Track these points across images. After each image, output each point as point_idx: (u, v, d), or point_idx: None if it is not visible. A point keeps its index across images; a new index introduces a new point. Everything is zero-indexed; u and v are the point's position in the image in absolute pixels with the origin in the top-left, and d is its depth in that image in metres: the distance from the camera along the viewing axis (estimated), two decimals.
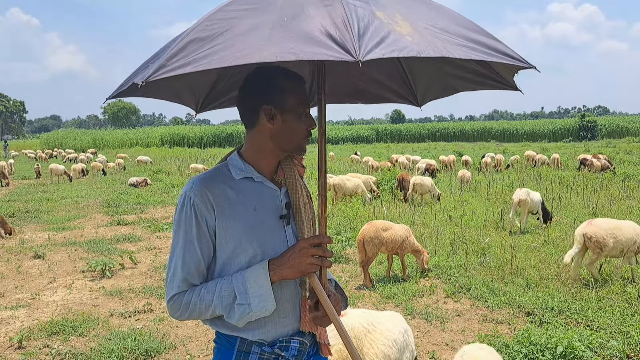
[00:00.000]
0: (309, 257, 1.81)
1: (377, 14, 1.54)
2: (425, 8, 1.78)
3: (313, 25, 1.48)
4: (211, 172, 1.90)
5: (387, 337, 3.25)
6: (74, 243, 10.06)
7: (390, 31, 1.48)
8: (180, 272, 1.80)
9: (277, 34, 1.46)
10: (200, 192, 1.80)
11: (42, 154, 42.84)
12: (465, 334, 5.54)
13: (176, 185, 19.80)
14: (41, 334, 5.56)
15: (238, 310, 1.76)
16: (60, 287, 7.26)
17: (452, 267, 7.65)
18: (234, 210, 1.82)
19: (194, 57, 1.41)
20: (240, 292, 1.76)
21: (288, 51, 1.39)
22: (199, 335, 5.52)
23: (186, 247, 1.80)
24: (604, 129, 64.79)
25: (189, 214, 1.79)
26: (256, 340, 1.87)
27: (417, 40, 1.49)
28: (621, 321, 5.56)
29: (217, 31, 1.49)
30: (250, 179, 1.89)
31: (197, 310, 1.79)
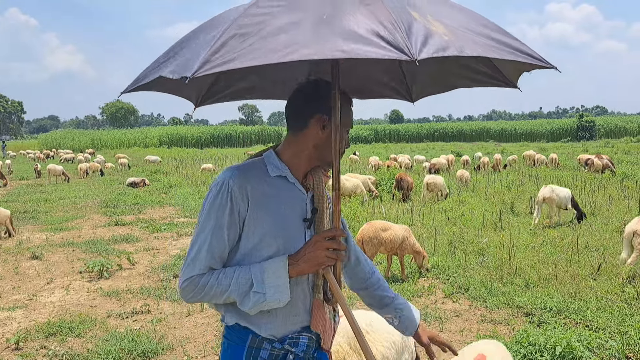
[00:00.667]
0: (324, 251, 1.86)
1: (413, 14, 1.56)
2: (448, 8, 1.80)
3: (358, 24, 1.47)
4: (249, 164, 1.95)
5: (385, 339, 3.23)
6: (72, 244, 10.03)
7: (429, 30, 1.49)
8: (205, 255, 1.82)
9: (322, 31, 1.46)
10: (239, 181, 1.84)
11: (40, 154, 42.82)
12: (464, 334, 5.52)
13: (174, 186, 19.78)
14: (38, 335, 5.53)
15: (253, 297, 1.80)
16: (57, 288, 7.23)
17: (451, 267, 7.64)
18: (267, 204, 1.87)
19: (238, 52, 1.41)
20: (258, 280, 1.81)
21: (339, 49, 1.39)
22: (197, 337, 5.50)
23: (215, 231, 1.82)
24: (602, 129, 64.87)
25: (225, 200, 1.82)
26: (267, 336, 1.92)
27: (453, 40, 1.51)
28: (620, 321, 5.55)
29: (256, 27, 1.50)
30: (285, 179, 1.95)
31: (212, 293, 1.82)
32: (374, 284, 2.28)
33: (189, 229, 11.30)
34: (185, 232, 11.04)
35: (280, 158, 1.97)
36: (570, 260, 7.84)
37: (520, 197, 14.42)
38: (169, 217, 13.08)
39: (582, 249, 8.53)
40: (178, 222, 12.33)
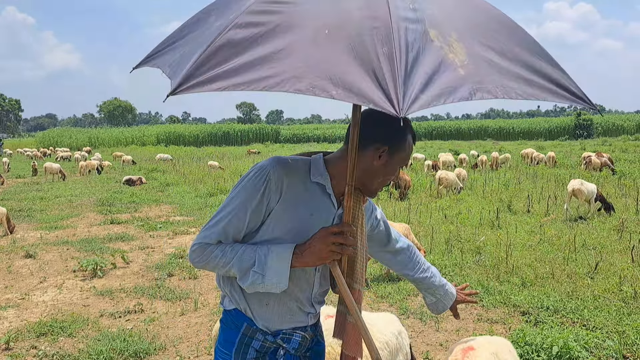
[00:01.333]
0: (330, 245, 1.82)
1: (429, 34, 1.41)
2: (483, 18, 1.64)
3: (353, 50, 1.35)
4: (294, 161, 1.91)
5: (378, 339, 3.17)
6: (66, 242, 9.96)
7: (441, 61, 1.35)
8: (220, 229, 1.83)
9: (315, 56, 1.34)
10: (279, 172, 1.81)
11: (37, 152, 42.71)
12: (460, 333, 5.47)
13: (171, 184, 19.70)
14: (29, 335, 5.46)
15: (252, 276, 1.80)
16: (50, 287, 7.16)
17: (447, 266, 7.58)
18: (296, 205, 1.85)
19: (224, 68, 1.32)
20: (260, 261, 1.79)
21: (323, 88, 1.28)
22: (190, 336, 5.44)
23: (239, 211, 1.81)
24: (599, 127, 64.84)
25: (259, 185, 1.80)
26: (261, 327, 1.94)
27: (469, 75, 1.36)
28: (617, 321, 5.50)
29: (251, 35, 1.39)
30: (323, 187, 1.90)
31: (215, 262, 1.82)
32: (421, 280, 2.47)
33: (185, 228, 11.23)
34: (181, 230, 10.97)
35: (326, 166, 1.92)
36: (567, 259, 7.79)
37: (517, 195, 14.36)
38: (165, 216, 13.01)
39: (579, 248, 8.48)
40: (174, 220, 12.26)
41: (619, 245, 8.70)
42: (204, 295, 6.70)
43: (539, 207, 12.60)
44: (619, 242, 8.88)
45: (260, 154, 39.10)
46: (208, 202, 14.67)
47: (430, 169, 21.57)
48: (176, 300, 6.54)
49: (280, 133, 72.12)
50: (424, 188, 16.27)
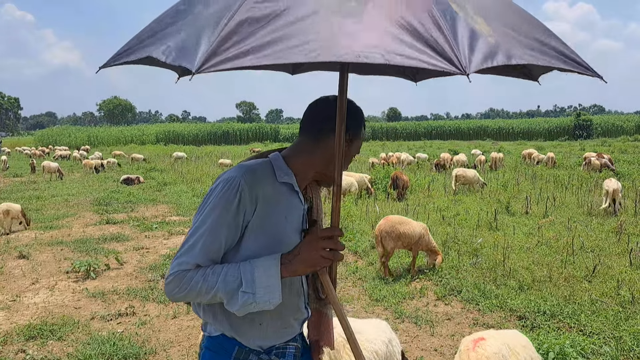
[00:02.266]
0: (320, 251, 1.72)
1: (452, 6, 1.36)
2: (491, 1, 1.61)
3: (392, 18, 1.28)
4: (259, 165, 1.81)
5: (366, 348, 3.10)
6: (61, 242, 9.88)
7: (473, 30, 1.32)
8: (197, 252, 1.69)
9: (350, 25, 1.26)
10: (252, 183, 1.72)
11: (36, 150, 42.65)
12: (455, 338, 5.39)
13: (169, 183, 19.61)
14: (18, 338, 5.38)
15: (241, 298, 1.65)
16: (42, 289, 7.08)
17: (444, 269, 7.51)
18: (272, 211, 1.77)
19: (251, 44, 1.22)
20: (247, 279, 1.66)
21: (373, 51, 1.20)
22: (181, 340, 5.36)
23: (214, 229, 1.69)
24: (599, 127, 64.80)
25: (232, 199, 1.69)
26: (254, 347, 1.84)
27: (499, 42, 1.34)
28: (614, 326, 5.43)
29: (272, 10, 1.29)
30: (290, 186, 1.83)
31: (197, 290, 1.67)
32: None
33: (181, 228, 11.15)
34: (177, 230, 10.89)
35: (287, 164, 1.85)
36: (565, 262, 7.71)
37: (516, 196, 14.28)
38: (161, 216, 12.93)
39: (578, 250, 8.40)
40: (170, 220, 12.18)
41: (618, 247, 8.63)
42: None
43: (538, 208, 12.52)
44: (617, 245, 8.80)
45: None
46: None
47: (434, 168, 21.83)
48: (168, 302, 6.46)
49: (280, 132, 71.99)
50: (422, 188, 16.18)
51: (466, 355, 3.10)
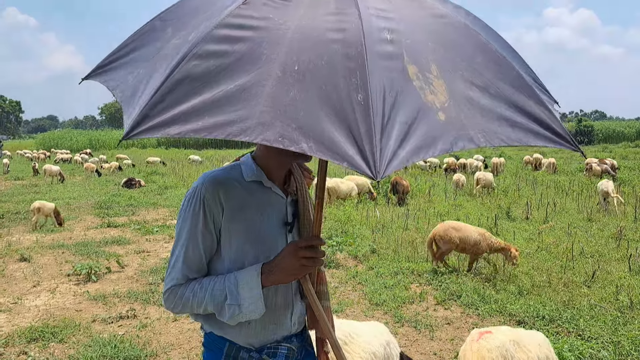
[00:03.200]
0: (300, 259, 1.73)
1: (408, 72, 1.28)
2: (468, 47, 1.51)
3: (326, 94, 1.22)
4: (225, 169, 1.88)
5: (364, 350, 3.14)
6: (62, 245, 9.91)
7: (420, 108, 1.23)
8: (181, 266, 1.79)
9: (281, 101, 1.21)
10: (212, 188, 1.77)
11: (38, 153, 42.75)
12: (455, 342, 5.42)
13: (170, 187, 19.66)
14: (20, 340, 5.41)
15: (228, 310, 1.74)
16: (43, 291, 7.11)
17: (444, 273, 7.53)
18: (242, 211, 1.81)
19: (183, 109, 1.21)
20: (232, 292, 1.74)
21: (293, 139, 1.16)
22: (182, 343, 5.39)
23: (190, 241, 1.78)
24: (600, 133, 64.78)
25: (197, 209, 1.76)
26: (244, 345, 1.87)
27: (449, 121, 1.25)
28: (613, 331, 5.45)
29: (213, 68, 1.27)
30: (260, 183, 1.87)
31: (190, 304, 1.78)
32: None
33: None
34: None
35: (256, 162, 1.89)
36: (564, 267, 7.74)
37: (516, 202, 14.31)
38: (162, 219, 12.97)
39: (577, 256, 8.43)
40: (171, 224, 12.21)
41: (617, 253, 8.65)
42: None
43: (538, 214, 12.55)
44: (617, 250, 8.83)
45: None
46: None
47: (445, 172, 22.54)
48: None
49: None
50: (423, 193, 16.21)
51: (469, 346, 3.28)
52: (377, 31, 1.35)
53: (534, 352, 3.18)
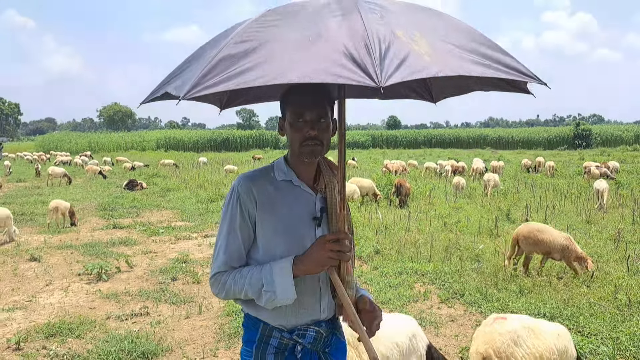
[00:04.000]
0: (328, 252, 1.98)
1: (396, 33, 1.62)
2: (440, 22, 1.90)
3: (335, 47, 1.56)
4: (258, 170, 2.16)
5: (388, 339, 3.31)
6: (70, 246, 10.09)
7: (409, 51, 1.56)
8: (223, 255, 2.07)
9: (300, 56, 1.56)
10: (245, 186, 2.06)
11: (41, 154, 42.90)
12: (459, 339, 5.60)
13: (172, 189, 19.82)
14: (38, 335, 5.59)
15: (264, 296, 1.99)
16: (56, 290, 7.29)
17: (447, 273, 7.72)
18: (273, 206, 2.06)
19: (225, 75, 1.54)
20: (267, 281, 1.99)
21: (309, 75, 1.50)
22: (195, 339, 5.57)
23: (230, 234, 2.07)
24: (598, 137, 65.13)
25: (235, 204, 2.06)
26: (277, 325, 2.11)
27: (435, 60, 1.59)
28: (612, 327, 5.64)
29: (245, 49, 1.61)
30: (290, 182, 2.12)
31: (232, 291, 2.05)
32: None
33: (187, 233, 11.37)
34: (183, 235, 11.11)
35: (287, 163, 2.15)
36: (564, 267, 7.92)
37: (516, 204, 14.51)
38: (167, 221, 13.14)
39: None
40: (176, 225, 12.39)
41: (615, 254, 8.84)
42: (208, 299, 6.83)
43: (538, 216, 12.74)
44: (615, 252, 9.02)
45: (262, 160, 39.23)
46: (209, 208, 14.82)
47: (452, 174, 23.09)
48: (181, 303, 6.68)
49: (280, 140, 72.22)
50: (424, 196, 16.40)
51: (482, 329, 3.46)
52: (371, 15, 1.72)
53: (550, 341, 3.35)
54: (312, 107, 2.04)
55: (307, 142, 2.04)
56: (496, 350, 3.23)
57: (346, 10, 1.73)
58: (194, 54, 1.94)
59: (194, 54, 1.93)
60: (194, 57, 1.90)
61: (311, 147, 2.04)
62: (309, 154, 2.06)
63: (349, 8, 1.74)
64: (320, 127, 2.05)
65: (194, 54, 1.94)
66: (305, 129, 2.03)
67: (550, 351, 3.35)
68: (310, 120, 2.04)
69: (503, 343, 3.23)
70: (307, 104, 2.04)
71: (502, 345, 3.24)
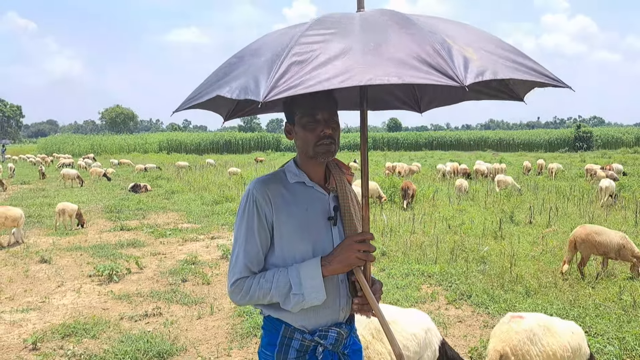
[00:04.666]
0: (355, 252, 2.03)
1: (447, 41, 1.71)
2: (474, 35, 1.96)
3: (404, 51, 1.63)
4: (270, 174, 2.20)
5: (407, 330, 3.42)
6: (79, 248, 10.19)
7: (465, 57, 1.65)
8: (242, 259, 2.08)
9: (372, 59, 1.61)
10: (261, 189, 2.09)
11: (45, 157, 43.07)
12: (467, 339, 5.70)
13: (176, 192, 19.93)
14: (54, 336, 5.70)
15: (293, 299, 2.02)
16: (69, 291, 7.40)
17: (453, 275, 7.82)
18: (289, 208, 2.10)
19: (301, 78, 1.56)
20: (296, 283, 2.02)
21: (391, 74, 1.55)
22: (209, 338, 5.67)
23: (248, 237, 2.08)
24: (599, 139, 65.14)
25: (251, 208, 2.08)
26: (298, 327, 2.13)
27: (485, 64, 1.68)
28: (618, 327, 5.74)
29: (311, 55, 1.64)
30: (303, 184, 2.17)
31: (256, 296, 2.05)
32: None
33: (194, 235, 11.47)
34: (190, 237, 11.21)
35: (298, 166, 2.21)
36: (569, 269, 8.02)
37: (519, 206, 14.60)
38: (173, 223, 13.25)
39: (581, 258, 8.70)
40: (182, 227, 12.50)
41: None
42: (219, 300, 6.94)
43: (541, 218, 12.83)
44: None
45: (264, 162, 39.32)
46: (214, 210, 14.93)
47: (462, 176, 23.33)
48: (192, 304, 6.78)
49: (282, 141, 72.38)
50: (427, 198, 16.50)
51: (500, 327, 3.58)
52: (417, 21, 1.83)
53: (565, 339, 3.46)
54: (324, 107, 2.11)
55: (323, 141, 2.09)
56: (513, 348, 3.33)
57: (399, 19, 1.82)
58: (231, 62, 1.97)
59: (232, 63, 1.96)
60: (234, 65, 1.93)
61: (327, 146, 2.10)
62: (325, 154, 2.11)
63: (399, 17, 1.84)
64: (334, 125, 2.13)
65: (231, 62, 1.97)
66: (319, 128, 2.09)
67: (564, 349, 3.45)
68: (323, 119, 2.10)
69: (519, 341, 3.34)
70: (320, 104, 2.10)
71: (519, 344, 3.35)
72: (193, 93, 2.05)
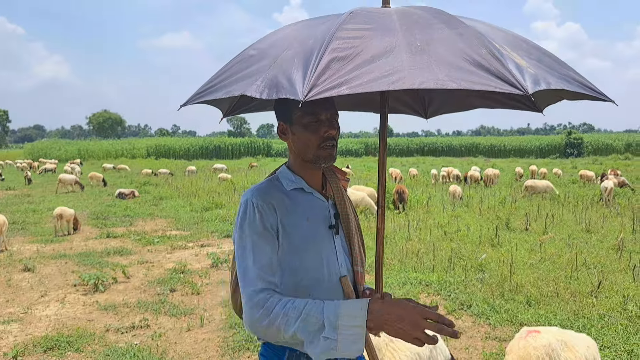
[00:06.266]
0: (419, 332, 1.55)
1: (495, 44, 1.55)
2: (520, 42, 1.79)
3: (456, 53, 1.46)
4: (266, 182, 1.95)
5: (409, 349, 3.19)
6: (64, 256, 9.86)
7: (515, 62, 1.49)
8: (253, 268, 1.75)
9: (421, 60, 1.43)
10: (262, 198, 1.83)
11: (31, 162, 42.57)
12: (469, 351, 5.47)
13: (165, 198, 19.60)
14: (36, 349, 5.39)
15: (323, 343, 1.59)
16: (52, 301, 7.08)
17: (452, 283, 7.59)
18: (291, 218, 1.85)
19: (343, 77, 1.38)
20: (331, 324, 1.59)
21: (446, 79, 1.37)
22: (199, 352, 5.39)
23: (255, 246, 1.78)
24: (590, 146, 65.61)
25: (253, 216, 1.80)
26: (304, 352, 1.75)
27: (537, 72, 1.52)
28: (625, 339, 5.53)
29: (353, 51, 1.46)
30: (301, 190, 1.94)
31: (277, 323, 1.65)
32: None
33: (183, 242, 11.18)
34: (179, 245, 10.91)
35: (292, 171, 1.97)
36: (569, 277, 7.83)
37: (514, 213, 14.43)
38: (161, 230, 12.94)
39: (581, 266, 8.52)
40: (171, 234, 12.19)
41: (619, 264, 8.75)
42: (209, 311, 6.66)
43: (537, 225, 12.67)
44: (618, 262, 8.93)
45: (256, 168, 39.07)
46: (204, 217, 14.63)
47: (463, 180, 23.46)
48: (181, 315, 6.49)
49: (272, 147, 72.15)
50: (421, 204, 16.30)
51: (517, 343, 3.37)
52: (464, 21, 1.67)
53: (582, 353, 3.27)
54: (327, 106, 1.88)
55: (326, 143, 1.87)
56: None
57: (443, 17, 1.68)
58: (247, 56, 1.77)
59: (248, 56, 1.76)
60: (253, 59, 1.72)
61: (330, 149, 1.88)
62: (327, 158, 1.89)
63: (442, 14, 1.70)
64: (337, 126, 1.91)
65: (247, 56, 1.77)
66: (322, 128, 1.86)
67: None
68: (326, 119, 1.88)
69: (538, 358, 3.13)
70: (322, 103, 1.86)
71: None
72: (204, 86, 1.83)
